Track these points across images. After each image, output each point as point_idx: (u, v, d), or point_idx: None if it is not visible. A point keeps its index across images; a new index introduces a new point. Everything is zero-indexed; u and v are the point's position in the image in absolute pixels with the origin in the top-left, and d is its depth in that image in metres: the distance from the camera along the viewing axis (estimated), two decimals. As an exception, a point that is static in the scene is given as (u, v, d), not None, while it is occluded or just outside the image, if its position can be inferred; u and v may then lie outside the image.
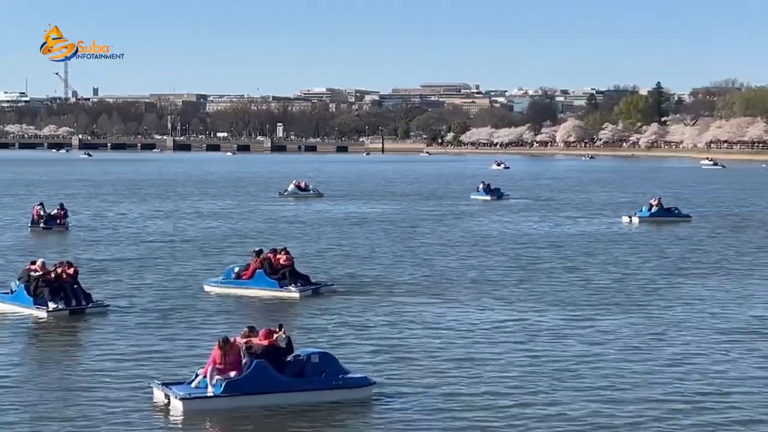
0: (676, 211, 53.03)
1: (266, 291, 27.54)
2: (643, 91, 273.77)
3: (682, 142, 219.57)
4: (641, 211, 52.47)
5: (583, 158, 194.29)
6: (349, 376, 17.68)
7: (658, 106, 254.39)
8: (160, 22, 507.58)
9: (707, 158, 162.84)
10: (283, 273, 27.70)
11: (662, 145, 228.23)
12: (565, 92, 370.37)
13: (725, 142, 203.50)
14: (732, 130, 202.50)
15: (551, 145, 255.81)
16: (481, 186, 71.79)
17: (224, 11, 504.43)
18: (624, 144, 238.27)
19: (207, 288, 28.37)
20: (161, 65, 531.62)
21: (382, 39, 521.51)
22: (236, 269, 28.38)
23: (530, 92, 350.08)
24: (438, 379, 18.71)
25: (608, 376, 18.97)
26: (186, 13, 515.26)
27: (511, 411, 16.83)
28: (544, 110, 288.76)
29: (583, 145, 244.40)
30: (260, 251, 28.81)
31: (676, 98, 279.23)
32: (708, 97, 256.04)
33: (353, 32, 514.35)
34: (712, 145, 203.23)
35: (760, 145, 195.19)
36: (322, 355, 17.82)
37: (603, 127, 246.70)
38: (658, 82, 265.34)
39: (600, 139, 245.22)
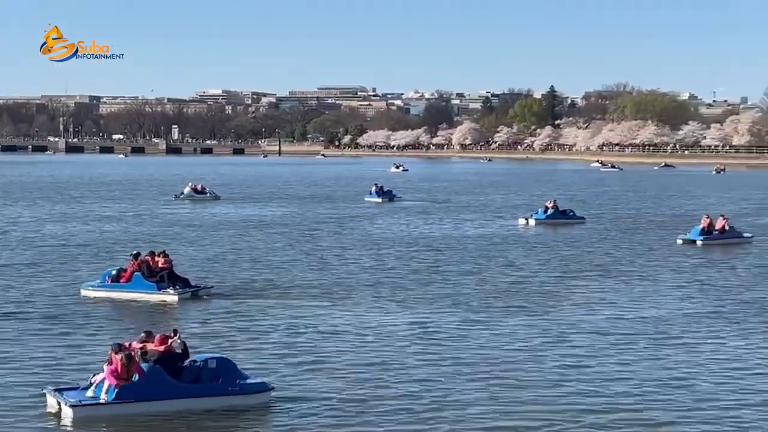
0: (571, 213, 53.71)
1: (144, 294, 27.19)
2: (537, 95, 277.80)
3: (575, 144, 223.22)
4: (537, 213, 52.99)
5: (482, 161, 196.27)
6: (247, 381, 17.37)
7: (551, 110, 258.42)
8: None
9: (598, 161, 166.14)
10: (162, 276, 27.43)
11: (556, 148, 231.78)
12: (460, 95, 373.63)
13: (617, 144, 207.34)
14: (624, 133, 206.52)
15: (447, 148, 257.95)
16: (373, 188, 72.11)
17: (116, 11, 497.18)
18: (519, 147, 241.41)
19: (84, 292, 27.80)
20: (52, 66, 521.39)
21: (278, 41, 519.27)
22: (113, 272, 27.95)
23: (426, 95, 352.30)
24: (336, 384, 18.50)
25: (507, 378, 18.97)
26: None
27: (411, 415, 16.71)
28: (440, 113, 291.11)
29: (478, 147, 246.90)
30: (138, 254, 28.53)
31: (569, 101, 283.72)
32: (600, 100, 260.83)
33: (249, 34, 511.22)
34: (604, 148, 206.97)
35: (651, 147, 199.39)
36: (219, 361, 17.49)
37: (498, 130, 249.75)
38: (552, 86, 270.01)
39: (495, 142, 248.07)
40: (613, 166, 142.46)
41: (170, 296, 27.05)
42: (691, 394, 18.00)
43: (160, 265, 27.75)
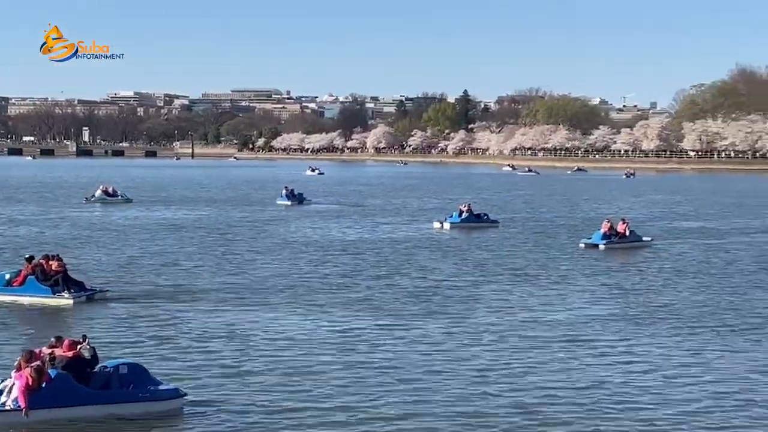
0: (485, 217, 53.99)
1: (38, 298, 26.69)
2: (451, 99, 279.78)
3: (488, 148, 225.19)
4: (452, 216, 53.14)
5: (398, 164, 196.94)
6: (159, 387, 17.04)
7: (465, 114, 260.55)
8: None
9: (509, 165, 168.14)
10: (56, 279, 26.99)
11: (469, 152, 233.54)
12: (375, 99, 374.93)
13: (529, 148, 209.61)
14: (536, 137, 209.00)
15: (362, 152, 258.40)
16: (284, 191, 72.00)
17: (22, 11, 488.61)
18: (433, 150, 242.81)
19: None
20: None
21: (191, 42, 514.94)
22: (7, 276, 27.38)
23: (341, 98, 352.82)
24: (250, 390, 18.25)
25: (422, 381, 18.89)
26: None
27: (326, 421, 16.53)
28: (354, 116, 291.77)
29: (393, 151, 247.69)
30: (31, 257, 28.07)
31: (483, 106, 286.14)
32: (513, 105, 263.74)
33: (162, 35, 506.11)
34: (516, 152, 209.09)
35: (563, 151, 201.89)
36: (131, 367, 17.13)
37: (412, 133, 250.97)
38: (465, 90, 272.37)
39: (409, 146, 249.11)
40: (529, 170, 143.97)
41: (65, 300, 26.59)
42: (604, 396, 18.10)
43: (54, 268, 27.32)
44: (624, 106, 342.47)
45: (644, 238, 44.09)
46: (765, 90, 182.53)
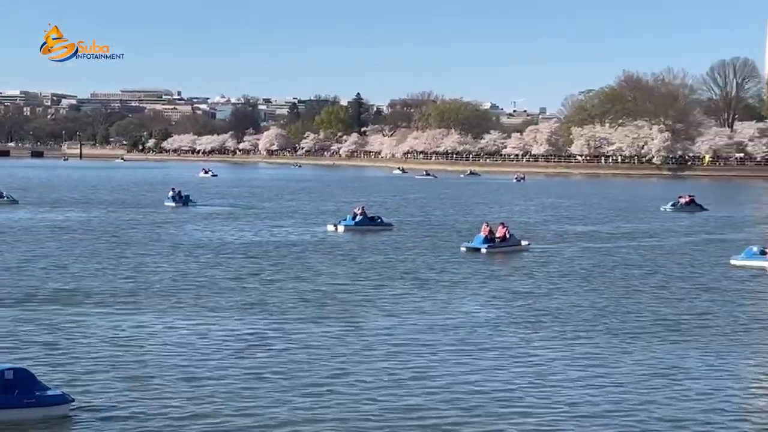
0: (379, 220, 54.02)
1: None
2: (344, 102, 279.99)
3: (380, 151, 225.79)
4: (346, 219, 53.05)
5: (292, 167, 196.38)
6: (45, 393, 16.60)
7: (357, 117, 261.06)
8: None
9: (399, 168, 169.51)
10: None
11: (362, 155, 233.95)
12: (267, 101, 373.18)
13: (422, 152, 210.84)
14: (428, 141, 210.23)
15: (254, 153, 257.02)
16: (170, 193, 71.35)
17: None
18: (325, 153, 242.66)
19: None
20: None
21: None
22: None
23: (233, 100, 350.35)
24: (141, 395, 17.93)
25: (316, 386, 18.78)
26: None
27: (224, 425, 16.31)
28: (246, 118, 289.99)
29: (285, 153, 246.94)
30: None
31: (375, 109, 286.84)
32: (405, 108, 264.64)
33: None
34: (409, 155, 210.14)
35: (455, 155, 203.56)
36: (16, 372, 16.65)
37: (305, 136, 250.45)
38: (358, 93, 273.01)
39: (302, 148, 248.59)
40: (427, 174, 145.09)
41: None
42: (495, 399, 18.21)
43: None
44: (514, 111, 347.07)
45: (522, 242, 44.49)
46: (651, 97, 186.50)
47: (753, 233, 54.21)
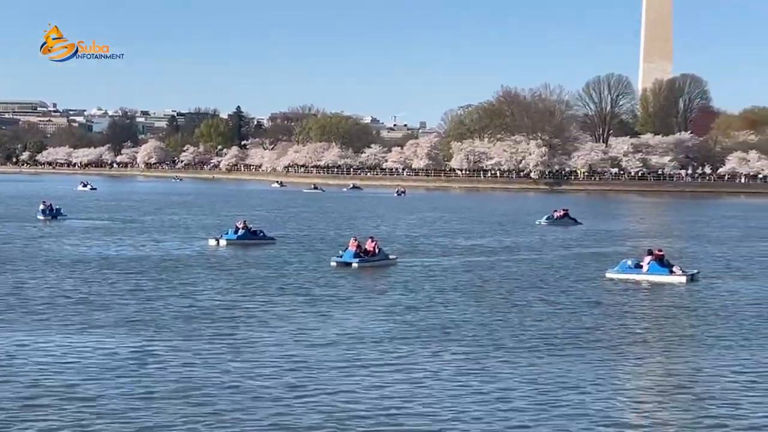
0: (261, 234, 53.74)
1: None
2: (224, 115, 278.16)
3: (261, 165, 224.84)
4: (227, 233, 52.63)
5: (173, 180, 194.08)
6: None
7: (238, 130, 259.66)
8: None
9: (277, 181, 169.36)
10: None
11: (242, 168, 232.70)
12: (145, 113, 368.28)
13: (302, 166, 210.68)
14: (309, 155, 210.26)
15: (132, 166, 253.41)
16: (41, 206, 69.89)
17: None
18: (205, 166, 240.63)
19: None
20: None
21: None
22: None
23: (110, 112, 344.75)
24: (17, 414, 17.48)
25: (202, 405, 18.58)
26: None
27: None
28: (124, 131, 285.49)
29: (164, 166, 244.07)
30: None
31: (256, 122, 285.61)
32: (286, 122, 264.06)
33: None
34: (290, 169, 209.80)
35: (335, 169, 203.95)
36: None
37: (184, 149, 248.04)
38: (238, 106, 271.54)
39: (181, 161, 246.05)
40: (315, 187, 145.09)
41: None
42: (378, 416, 18.24)
43: None
44: (395, 125, 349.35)
45: (390, 256, 44.64)
46: (528, 112, 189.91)
47: (626, 246, 55.57)
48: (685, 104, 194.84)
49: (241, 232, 52.42)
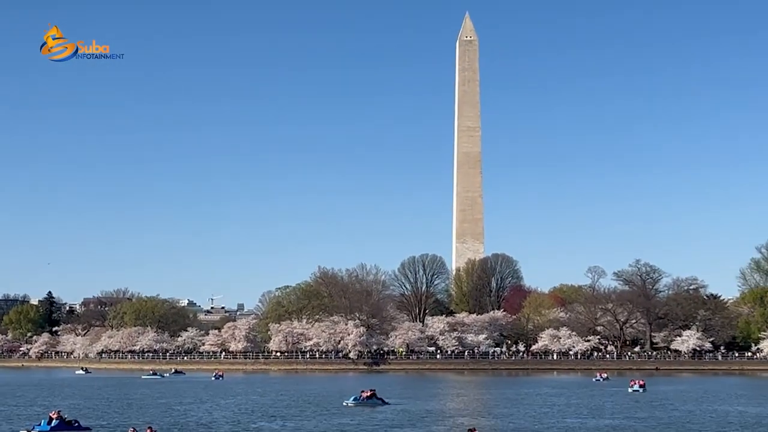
0: (77, 424, 52.25)
1: None
2: (34, 301, 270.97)
3: (73, 351, 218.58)
4: (40, 424, 50.99)
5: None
6: None
7: (49, 316, 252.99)
8: None
9: (82, 368, 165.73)
10: None
11: (54, 355, 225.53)
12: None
13: (117, 351, 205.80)
14: (123, 340, 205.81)
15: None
16: None
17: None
18: (14, 354, 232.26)
19: None
20: None
21: None
22: None
23: None
24: None
25: None
26: None
27: None
28: None
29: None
30: None
31: (68, 308, 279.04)
32: (99, 306, 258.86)
33: None
34: (104, 355, 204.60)
35: (150, 354, 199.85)
36: None
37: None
38: (50, 292, 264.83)
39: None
40: (155, 374, 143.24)
41: None
42: None
43: None
44: (212, 307, 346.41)
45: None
46: (345, 292, 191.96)
47: (430, 427, 56.39)
48: (497, 283, 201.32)
49: (54, 422, 50.83)
